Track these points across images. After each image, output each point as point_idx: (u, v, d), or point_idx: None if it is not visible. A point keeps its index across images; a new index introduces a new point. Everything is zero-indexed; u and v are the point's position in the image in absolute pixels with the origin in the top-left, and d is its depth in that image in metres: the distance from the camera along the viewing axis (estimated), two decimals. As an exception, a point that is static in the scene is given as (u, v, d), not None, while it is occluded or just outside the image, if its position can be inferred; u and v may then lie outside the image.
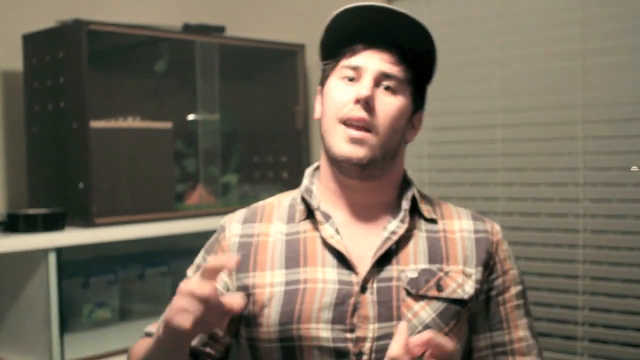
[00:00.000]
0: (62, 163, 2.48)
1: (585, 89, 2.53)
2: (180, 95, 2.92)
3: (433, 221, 1.51)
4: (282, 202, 1.56)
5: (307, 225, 1.49)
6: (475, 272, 1.46)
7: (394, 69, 1.43)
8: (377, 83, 1.42)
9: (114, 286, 2.72)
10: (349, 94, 1.42)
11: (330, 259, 1.44)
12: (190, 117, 2.88)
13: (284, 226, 1.50)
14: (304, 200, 1.51)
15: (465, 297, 1.43)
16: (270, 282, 1.44)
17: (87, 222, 2.39)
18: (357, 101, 1.40)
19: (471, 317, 1.49)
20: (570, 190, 2.57)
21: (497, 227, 1.54)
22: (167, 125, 2.63)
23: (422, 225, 1.49)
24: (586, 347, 2.53)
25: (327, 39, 1.48)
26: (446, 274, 1.44)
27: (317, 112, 1.54)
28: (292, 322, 1.40)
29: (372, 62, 1.43)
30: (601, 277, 2.52)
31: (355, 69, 1.44)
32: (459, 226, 1.51)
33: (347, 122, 1.41)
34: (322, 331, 1.38)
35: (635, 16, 2.44)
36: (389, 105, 1.43)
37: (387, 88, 1.43)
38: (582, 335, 2.54)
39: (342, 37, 1.46)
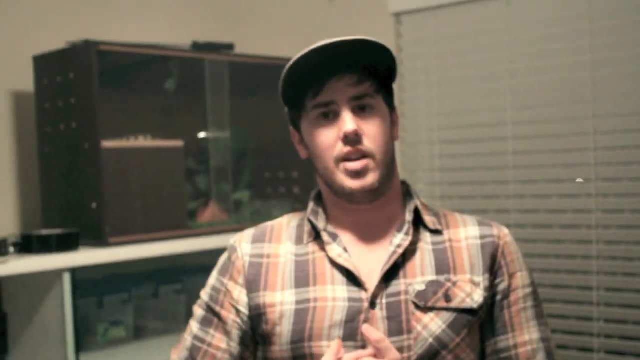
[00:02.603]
0: (74, 183, 2.49)
1: (595, 100, 2.53)
2: (191, 113, 2.93)
3: (438, 232, 1.51)
4: (291, 222, 1.57)
5: (315, 246, 1.50)
6: (483, 279, 1.46)
7: (362, 89, 1.43)
8: (352, 109, 1.43)
9: (128, 305, 2.72)
10: (333, 134, 1.43)
11: (339, 277, 1.44)
12: (201, 134, 2.89)
13: (293, 247, 1.51)
14: (310, 222, 1.51)
15: (475, 306, 1.43)
16: (280, 301, 1.45)
17: (100, 241, 2.40)
18: (346, 137, 1.41)
19: (481, 325, 1.48)
20: (582, 201, 2.56)
21: (504, 231, 1.54)
22: (178, 143, 2.64)
23: (428, 237, 1.50)
24: (603, 359, 2.51)
25: (287, 86, 1.47)
26: (454, 284, 1.44)
27: (302, 154, 1.55)
28: (303, 340, 1.41)
29: (340, 91, 1.42)
30: (616, 288, 2.51)
31: (327, 104, 1.43)
32: (464, 234, 1.51)
33: (344, 159, 1.42)
34: None
35: (644, 26, 2.44)
36: (373, 126, 1.43)
37: (362, 108, 1.44)
38: (599, 347, 2.52)
39: (301, 80, 1.44)
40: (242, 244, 1.54)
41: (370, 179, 1.42)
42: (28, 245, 2.29)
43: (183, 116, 2.93)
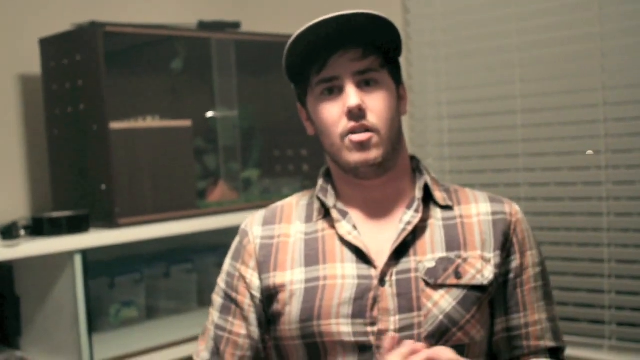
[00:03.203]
0: (83, 165, 2.49)
1: (605, 71, 2.51)
2: (198, 92, 2.93)
3: (449, 208, 1.50)
4: (301, 201, 1.57)
5: (324, 223, 1.50)
6: (494, 256, 1.45)
7: (366, 63, 1.42)
8: (357, 84, 1.41)
9: (140, 285, 2.73)
10: (337, 109, 1.42)
11: (349, 255, 1.44)
12: (209, 114, 2.89)
13: (303, 225, 1.51)
14: (319, 199, 1.51)
15: (485, 282, 1.42)
16: (290, 281, 1.45)
17: (110, 223, 2.40)
18: (350, 111, 1.39)
19: (492, 302, 1.48)
20: (592, 173, 2.55)
21: (516, 208, 1.53)
22: (187, 123, 2.63)
23: (439, 213, 1.49)
24: (614, 331, 2.51)
25: (291, 62, 1.45)
26: (464, 260, 1.43)
27: (309, 130, 1.54)
28: (312, 319, 1.41)
29: (344, 66, 1.41)
30: (627, 260, 2.50)
31: (331, 80, 1.42)
32: (476, 210, 1.50)
33: (349, 133, 1.41)
34: (343, 326, 1.39)
35: (653, -4, 2.41)
36: (377, 100, 1.42)
37: (367, 83, 1.42)
38: (610, 319, 2.52)
39: (305, 55, 1.43)
40: (253, 227, 1.54)
41: (374, 153, 1.41)
42: (39, 227, 2.30)
43: (190, 96, 2.93)
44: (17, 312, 2.48)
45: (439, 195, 1.51)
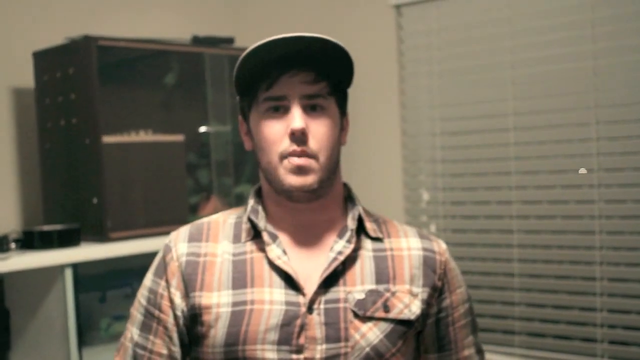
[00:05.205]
0: (75, 179, 2.49)
1: (598, 90, 2.52)
2: (191, 107, 2.93)
3: (379, 240, 1.49)
4: (228, 219, 1.53)
5: (253, 245, 1.46)
6: (422, 291, 1.45)
7: (316, 88, 1.40)
8: (303, 107, 1.40)
9: (131, 299, 2.71)
10: (280, 129, 1.40)
11: (277, 280, 1.41)
12: (202, 128, 2.89)
13: (230, 246, 1.47)
14: (250, 220, 1.48)
15: (412, 317, 1.43)
16: (217, 303, 1.41)
17: (102, 237, 2.40)
18: (293, 134, 1.38)
19: (419, 336, 1.49)
20: (585, 192, 2.56)
21: (443, 246, 1.54)
22: (179, 137, 2.63)
23: (369, 244, 1.48)
24: (606, 349, 2.51)
25: (242, 75, 1.43)
26: (393, 294, 1.43)
27: (246, 145, 1.52)
28: (237, 344, 1.38)
29: (294, 87, 1.40)
30: (619, 279, 2.50)
31: (278, 98, 1.40)
32: (406, 244, 1.50)
33: (288, 155, 1.39)
34: (268, 352, 1.37)
35: (645, 15, 2.43)
36: (322, 127, 1.41)
37: (313, 108, 1.41)
38: (602, 337, 2.52)
39: (256, 70, 1.41)
40: (178, 244, 1.49)
41: (311, 179, 1.39)
42: (29, 241, 2.29)
43: (183, 110, 2.92)
44: (7, 325, 2.47)
45: (369, 226, 1.50)
